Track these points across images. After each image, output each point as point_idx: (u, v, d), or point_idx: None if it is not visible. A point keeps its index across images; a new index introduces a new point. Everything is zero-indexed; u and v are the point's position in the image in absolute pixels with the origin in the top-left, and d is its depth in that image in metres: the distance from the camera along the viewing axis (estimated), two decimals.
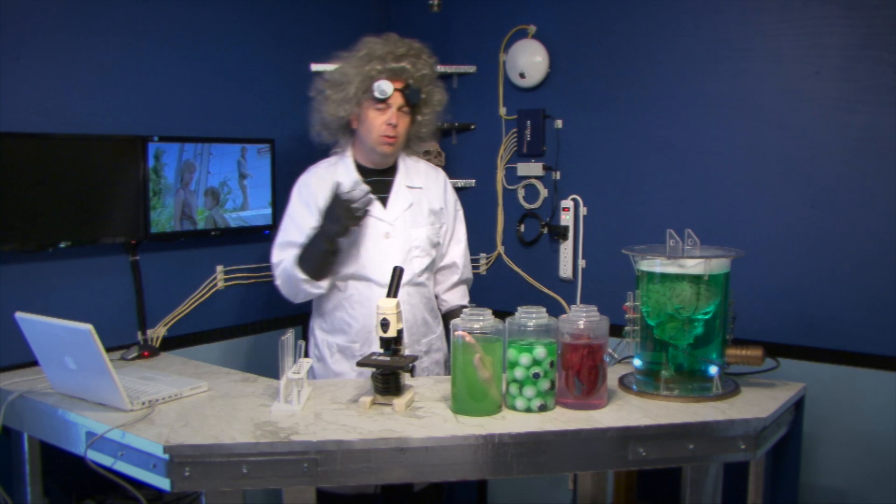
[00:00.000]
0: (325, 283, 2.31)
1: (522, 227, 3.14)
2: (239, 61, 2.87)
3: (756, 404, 1.95)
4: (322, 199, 2.30)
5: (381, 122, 2.29)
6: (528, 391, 1.88)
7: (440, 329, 2.52)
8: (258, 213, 2.86)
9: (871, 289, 2.44)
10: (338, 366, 2.40)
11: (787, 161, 2.57)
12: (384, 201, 2.37)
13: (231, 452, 1.68)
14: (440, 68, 3.18)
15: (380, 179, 2.39)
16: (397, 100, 2.28)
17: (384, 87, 2.25)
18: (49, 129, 2.33)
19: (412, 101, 2.30)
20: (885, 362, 2.42)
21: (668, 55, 2.77)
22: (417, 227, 2.38)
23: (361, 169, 2.40)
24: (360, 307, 2.34)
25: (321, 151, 3.30)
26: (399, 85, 2.28)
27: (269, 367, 2.90)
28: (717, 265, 2.01)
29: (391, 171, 2.42)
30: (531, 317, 1.89)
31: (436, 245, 2.45)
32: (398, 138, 2.32)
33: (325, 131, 2.41)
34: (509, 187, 3.17)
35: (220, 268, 2.85)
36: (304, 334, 3.17)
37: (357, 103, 2.30)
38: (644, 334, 2.07)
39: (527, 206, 3.14)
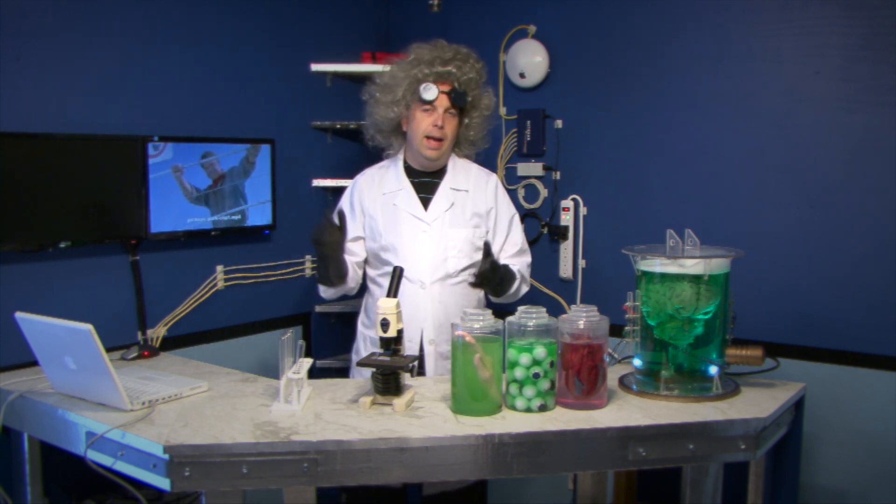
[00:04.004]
0: (330, 292, 2.41)
1: (522, 227, 3.14)
2: (239, 61, 2.87)
3: (756, 404, 1.95)
4: (367, 200, 2.45)
5: (427, 123, 2.35)
6: (528, 391, 1.88)
7: None
8: (258, 213, 2.86)
9: (871, 289, 2.44)
10: None
11: (787, 161, 2.57)
12: (427, 202, 2.43)
13: (231, 452, 1.68)
14: None
15: (428, 181, 2.46)
16: (444, 102, 2.34)
17: (430, 88, 2.32)
18: (49, 129, 2.33)
19: (458, 103, 2.35)
20: (885, 362, 2.42)
21: (668, 55, 2.77)
22: (456, 227, 2.42)
23: (411, 171, 2.47)
24: None
25: (321, 152, 3.30)
26: (445, 88, 2.34)
27: (269, 367, 2.90)
28: (717, 265, 2.01)
29: (440, 173, 2.46)
30: (531, 317, 1.89)
31: (480, 248, 2.43)
32: (444, 140, 2.38)
33: (379, 135, 2.50)
34: (509, 187, 3.17)
35: (220, 268, 2.85)
36: (306, 334, 3.18)
37: (406, 105, 2.39)
38: (644, 334, 2.07)
39: (527, 206, 3.14)
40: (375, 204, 2.45)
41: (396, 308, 1.92)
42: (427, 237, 2.40)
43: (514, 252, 2.52)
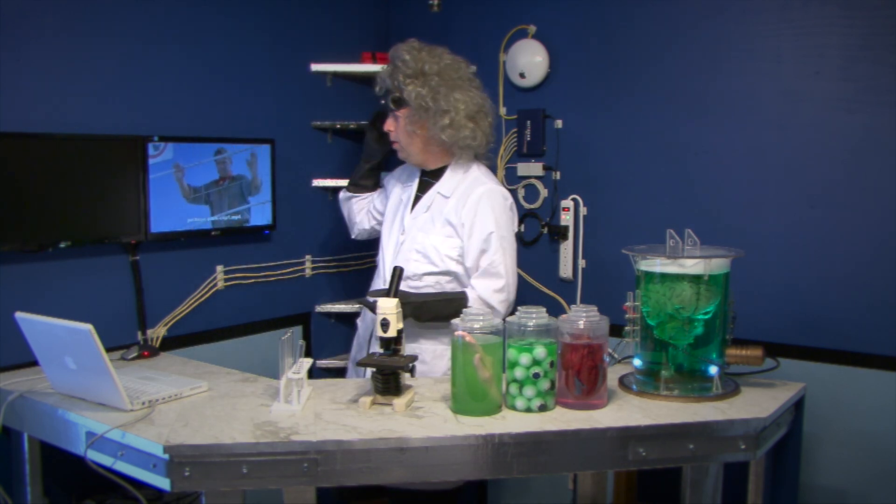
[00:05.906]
0: (348, 198, 2.74)
1: (522, 227, 3.14)
2: (239, 61, 2.87)
3: (756, 404, 1.95)
4: (392, 181, 2.64)
5: None
6: (528, 391, 1.88)
7: (439, 347, 2.39)
8: (258, 213, 2.86)
9: (871, 289, 2.44)
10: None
11: (787, 161, 2.57)
12: (417, 201, 2.50)
13: (231, 452, 1.68)
14: None
15: (428, 181, 2.51)
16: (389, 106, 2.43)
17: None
18: (49, 129, 2.33)
19: (387, 106, 2.41)
20: (885, 362, 2.42)
21: (669, 55, 2.77)
22: (426, 232, 2.41)
23: (423, 170, 2.55)
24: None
25: (321, 152, 3.30)
26: (381, 92, 2.44)
27: (269, 367, 2.90)
28: (717, 265, 2.01)
29: (439, 174, 2.49)
30: (531, 317, 1.89)
31: (454, 259, 2.37)
32: (398, 143, 2.46)
33: None
34: (509, 187, 3.17)
35: (220, 268, 2.85)
36: (306, 334, 3.17)
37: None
38: (644, 334, 2.07)
39: (527, 206, 3.14)
40: (394, 188, 2.59)
41: (396, 308, 1.92)
42: (405, 237, 2.45)
43: (478, 273, 2.35)
